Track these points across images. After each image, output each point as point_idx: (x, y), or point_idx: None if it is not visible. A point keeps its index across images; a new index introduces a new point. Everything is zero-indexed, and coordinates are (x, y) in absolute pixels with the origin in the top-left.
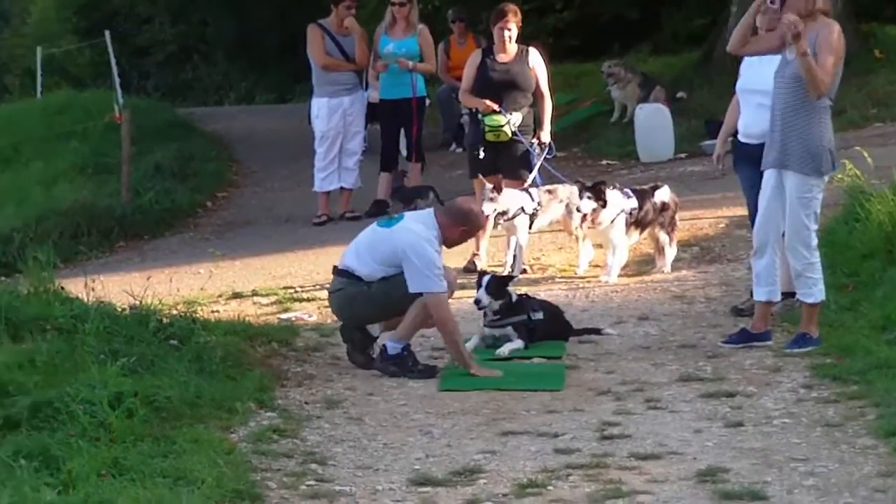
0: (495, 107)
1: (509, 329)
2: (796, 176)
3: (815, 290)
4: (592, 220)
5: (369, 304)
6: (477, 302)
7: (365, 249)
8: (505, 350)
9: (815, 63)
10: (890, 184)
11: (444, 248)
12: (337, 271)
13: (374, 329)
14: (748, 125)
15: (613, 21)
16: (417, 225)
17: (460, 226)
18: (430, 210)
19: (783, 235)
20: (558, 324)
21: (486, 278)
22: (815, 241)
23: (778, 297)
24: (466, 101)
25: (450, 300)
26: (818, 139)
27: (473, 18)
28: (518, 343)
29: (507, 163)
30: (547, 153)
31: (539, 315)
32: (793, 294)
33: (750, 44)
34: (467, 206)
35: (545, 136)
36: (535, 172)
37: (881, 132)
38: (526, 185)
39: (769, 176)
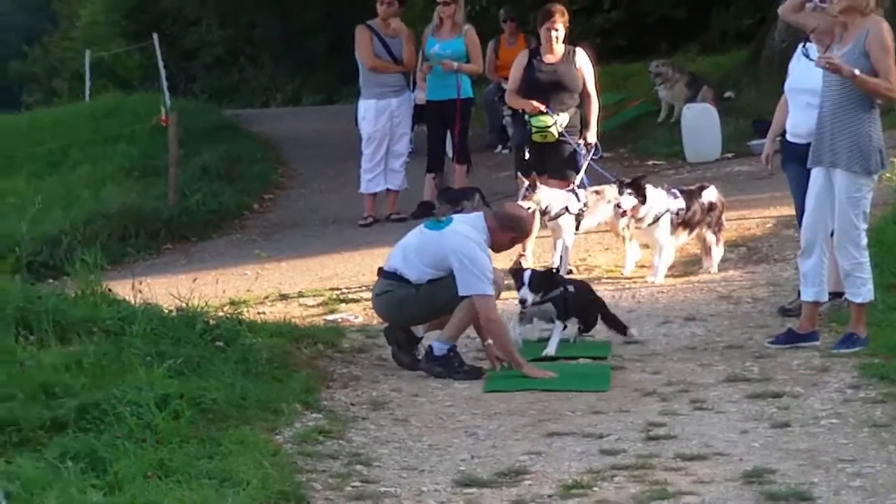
0: (542, 108)
1: (548, 306)
2: (846, 175)
3: (863, 290)
4: (634, 217)
5: (417, 306)
6: (522, 302)
7: (413, 252)
8: (552, 348)
9: (874, 65)
10: None
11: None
12: (383, 273)
13: (418, 330)
14: (796, 124)
15: (661, 21)
16: (467, 227)
17: (509, 232)
18: (480, 213)
19: (831, 235)
20: (590, 296)
21: (526, 274)
22: (864, 241)
23: (825, 298)
24: (513, 101)
25: (497, 301)
26: (867, 138)
27: (523, 19)
28: (558, 325)
29: (554, 163)
30: (593, 154)
31: (571, 288)
32: (840, 294)
33: (801, 15)
34: (517, 212)
35: (591, 136)
36: (581, 173)
37: None
38: (573, 185)
39: (817, 175)
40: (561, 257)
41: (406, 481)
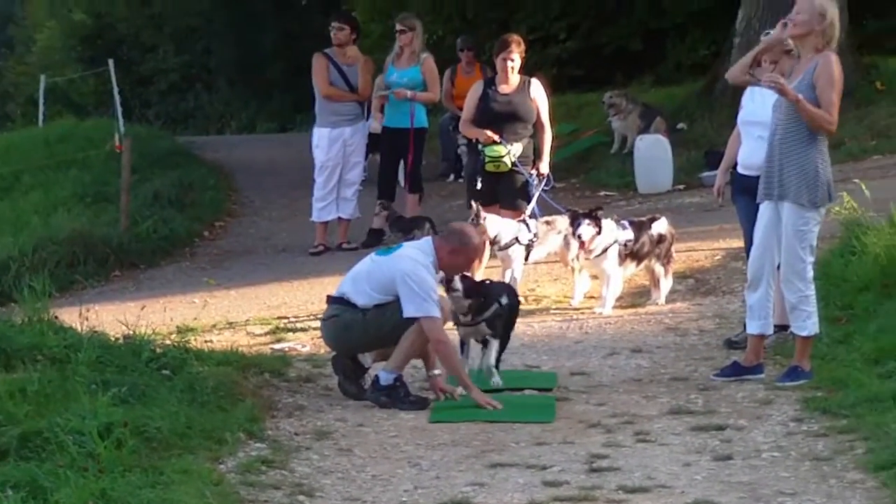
0: (496, 137)
1: (482, 326)
2: (793, 207)
3: (808, 324)
4: (585, 248)
5: (363, 331)
6: (448, 282)
7: (362, 277)
8: (497, 379)
9: (818, 96)
10: (887, 217)
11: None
12: (331, 299)
13: (365, 360)
14: (748, 157)
15: (617, 52)
16: (414, 251)
17: (454, 245)
18: (429, 238)
19: (778, 268)
20: (516, 302)
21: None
22: (810, 274)
23: (771, 331)
24: (467, 131)
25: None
26: (815, 170)
27: (480, 48)
28: (494, 345)
29: (506, 193)
30: (545, 184)
31: (505, 299)
32: (785, 327)
33: (748, 78)
34: (461, 226)
35: (544, 167)
36: (533, 203)
37: (880, 164)
38: (524, 216)
39: (765, 208)
40: None
41: None
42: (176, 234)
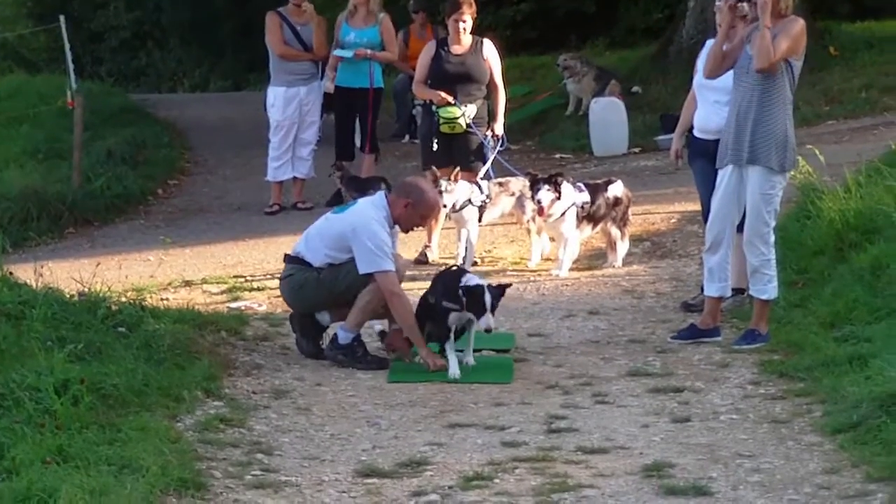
0: (450, 99)
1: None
2: (762, 171)
3: (769, 287)
4: (540, 212)
5: (317, 290)
6: (487, 331)
7: (315, 236)
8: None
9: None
10: (842, 181)
11: (399, 234)
12: (287, 258)
13: (323, 318)
14: (704, 121)
15: (570, 14)
16: (367, 207)
17: (406, 198)
18: (381, 192)
19: (738, 231)
20: None
21: (486, 297)
22: (772, 238)
23: (729, 294)
24: (420, 92)
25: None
26: (784, 135)
27: (432, 10)
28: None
29: (461, 154)
30: (500, 146)
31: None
32: (742, 290)
33: (724, 62)
34: (414, 180)
35: (498, 128)
36: (488, 165)
37: (834, 129)
38: (479, 177)
39: (726, 172)
40: (466, 248)
41: (307, 470)
42: (129, 191)
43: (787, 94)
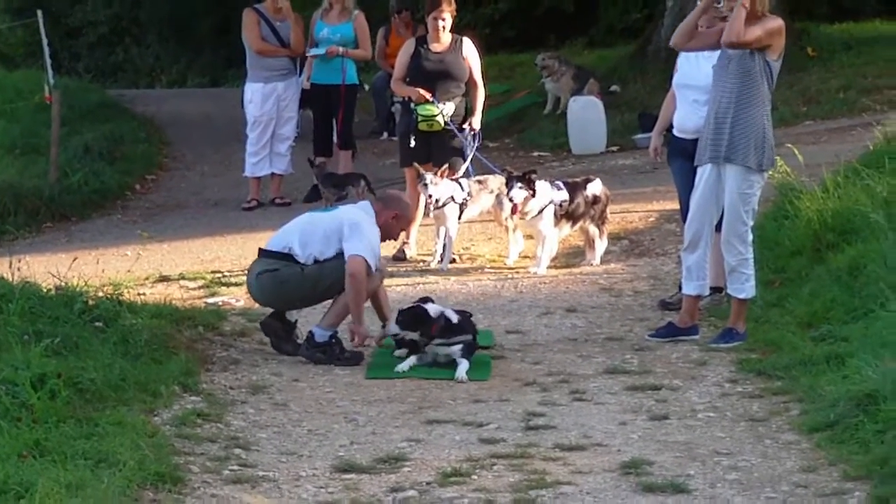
0: (428, 96)
1: (455, 349)
2: (739, 170)
3: (746, 286)
4: (520, 210)
5: (300, 287)
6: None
7: (302, 228)
8: (462, 374)
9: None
10: (820, 182)
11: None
12: (266, 253)
13: (291, 315)
14: (683, 120)
15: (549, 13)
16: (359, 211)
17: (394, 210)
18: (366, 200)
19: (716, 230)
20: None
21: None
22: (750, 237)
23: (707, 292)
24: (399, 89)
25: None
26: (763, 134)
27: (412, 9)
28: (465, 364)
29: (439, 152)
30: (476, 141)
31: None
32: (720, 289)
33: (693, 40)
34: (398, 194)
35: (476, 122)
36: (468, 162)
37: (812, 130)
38: (458, 175)
39: (705, 171)
40: (444, 245)
41: (284, 466)
42: (107, 186)
43: (765, 94)
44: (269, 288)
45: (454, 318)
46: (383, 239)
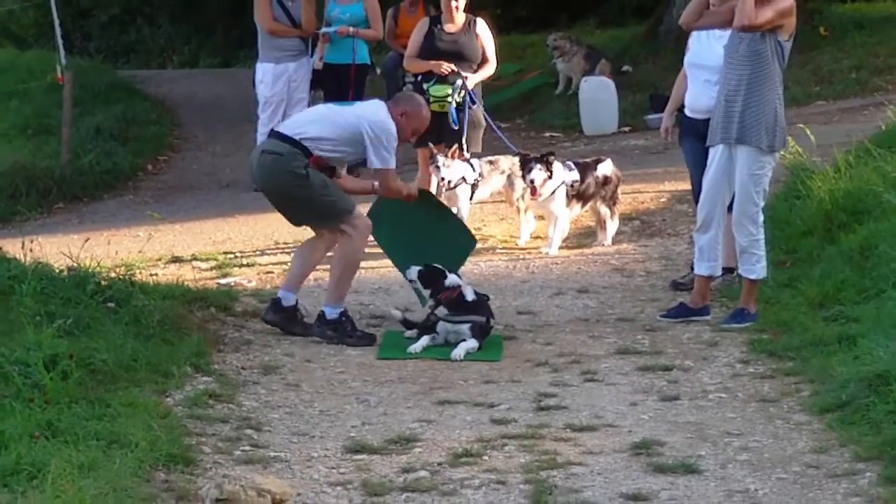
0: (452, 67)
1: (464, 328)
2: (751, 151)
3: (758, 267)
4: (533, 192)
5: (299, 185)
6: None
7: (318, 119)
8: (461, 352)
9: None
10: (831, 162)
11: None
12: (277, 135)
13: (287, 298)
14: (695, 100)
15: None
16: (375, 105)
17: (403, 107)
18: (377, 100)
19: (728, 211)
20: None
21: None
22: (761, 218)
23: (719, 273)
24: (413, 65)
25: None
26: (774, 115)
27: None
28: (473, 343)
29: (450, 133)
30: (470, 102)
31: (493, 322)
32: (731, 270)
33: (703, 18)
34: (409, 93)
35: (471, 79)
36: (465, 126)
37: (824, 110)
38: (466, 152)
39: (717, 152)
40: None
41: (296, 446)
42: (119, 167)
43: (776, 75)
44: (270, 172)
45: (469, 296)
46: (398, 139)
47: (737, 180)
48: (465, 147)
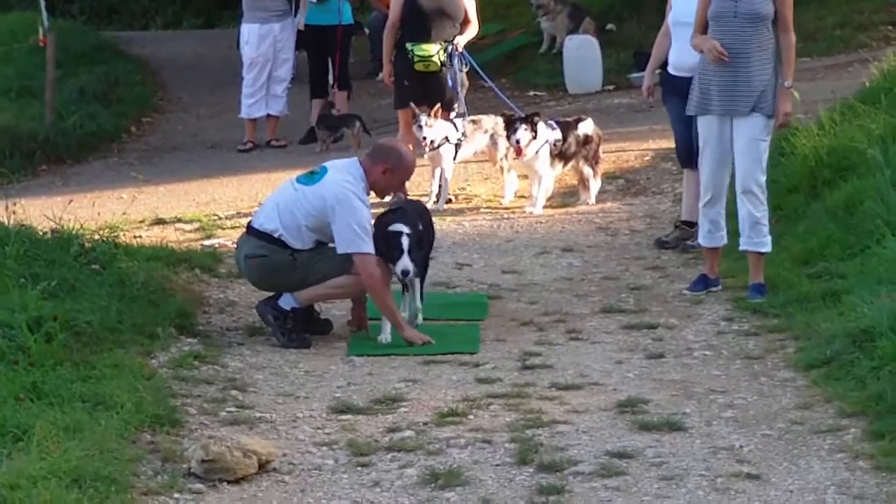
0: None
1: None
2: (760, 118)
3: (766, 240)
4: (518, 152)
5: (290, 275)
6: (405, 273)
7: (288, 209)
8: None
9: (779, 8)
10: (816, 119)
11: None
12: (255, 232)
13: (286, 302)
14: (679, 58)
15: None
16: (343, 175)
17: (383, 163)
18: (354, 158)
19: (694, 168)
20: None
21: (404, 240)
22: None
23: (725, 241)
24: (386, 45)
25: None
26: (775, 79)
27: None
28: (417, 284)
29: (435, 93)
30: (462, 64)
31: (421, 226)
32: (691, 224)
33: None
34: (389, 143)
35: (461, 41)
36: (462, 101)
37: (808, 67)
38: (454, 114)
39: (714, 123)
40: (440, 186)
41: (281, 407)
42: (102, 129)
43: (774, 39)
44: (258, 274)
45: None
46: (381, 195)
47: (743, 149)
48: (460, 106)
